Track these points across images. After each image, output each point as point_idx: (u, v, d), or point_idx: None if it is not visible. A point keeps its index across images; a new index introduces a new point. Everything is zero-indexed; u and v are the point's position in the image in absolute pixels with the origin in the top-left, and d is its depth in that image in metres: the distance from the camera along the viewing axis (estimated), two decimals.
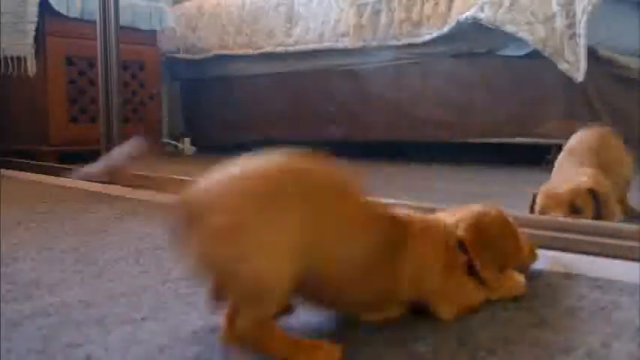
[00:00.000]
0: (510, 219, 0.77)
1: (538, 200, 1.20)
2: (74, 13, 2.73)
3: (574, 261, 0.94)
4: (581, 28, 2.03)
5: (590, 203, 1.16)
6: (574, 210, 1.15)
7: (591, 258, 0.95)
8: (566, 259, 0.96)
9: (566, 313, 0.72)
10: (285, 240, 0.56)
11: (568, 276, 0.88)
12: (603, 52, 2.24)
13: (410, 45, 2.52)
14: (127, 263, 1.01)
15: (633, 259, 0.91)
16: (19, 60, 2.68)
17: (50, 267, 0.99)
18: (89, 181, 2.06)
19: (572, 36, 2.06)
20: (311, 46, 2.85)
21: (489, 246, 0.72)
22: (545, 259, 0.92)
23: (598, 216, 1.15)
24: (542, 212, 1.18)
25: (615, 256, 0.94)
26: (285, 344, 0.57)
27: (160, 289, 0.87)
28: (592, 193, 1.16)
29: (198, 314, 0.75)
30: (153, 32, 3.10)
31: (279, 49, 2.98)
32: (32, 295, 0.84)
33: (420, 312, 0.70)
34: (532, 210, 1.21)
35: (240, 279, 0.55)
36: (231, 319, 0.59)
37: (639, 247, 0.93)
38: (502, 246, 0.74)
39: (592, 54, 2.11)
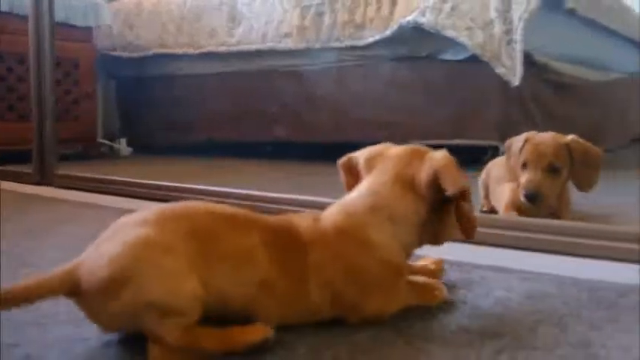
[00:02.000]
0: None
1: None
2: (4, 6, 2.60)
3: (504, 256, 0.98)
4: (517, 34, 2.10)
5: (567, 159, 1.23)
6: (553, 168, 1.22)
7: (521, 253, 1.00)
8: (496, 253, 0.99)
9: (496, 303, 0.74)
10: (176, 266, 0.59)
11: (499, 269, 0.90)
12: (539, 57, 2.32)
13: (352, 47, 2.53)
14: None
15: (561, 253, 0.97)
16: None
17: None
18: (21, 182, 1.96)
19: (510, 42, 2.13)
20: (254, 47, 2.82)
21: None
22: (479, 254, 0.96)
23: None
24: (524, 164, 1.24)
25: (545, 251, 0.99)
26: (217, 335, 0.60)
27: None
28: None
29: None
30: (89, 29, 3.00)
31: (222, 48, 2.94)
32: None
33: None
34: (519, 155, 1.26)
35: (149, 304, 0.57)
36: (158, 345, 0.59)
37: (565, 241, 0.98)
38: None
39: (528, 59, 2.18)
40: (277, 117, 2.83)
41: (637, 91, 3.26)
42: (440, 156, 0.71)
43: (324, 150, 2.84)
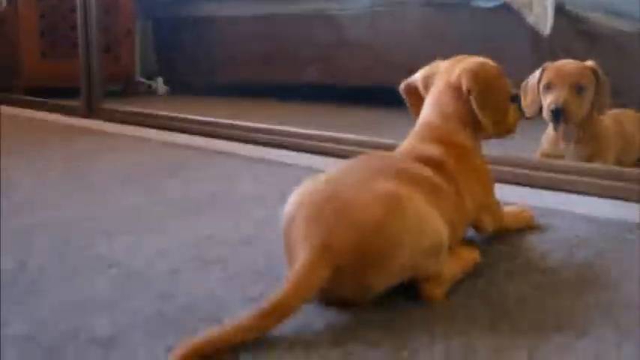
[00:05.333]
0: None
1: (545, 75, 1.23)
2: None
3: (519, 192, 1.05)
4: None
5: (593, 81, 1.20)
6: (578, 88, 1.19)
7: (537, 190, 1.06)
8: (516, 190, 1.06)
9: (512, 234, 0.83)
10: (427, 209, 0.61)
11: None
12: (570, 7, 2.32)
13: None
14: (119, 187, 1.08)
15: (571, 191, 1.03)
16: None
17: (46, 188, 1.06)
18: (70, 115, 2.09)
19: None
20: None
21: (490, 95, 0.77)
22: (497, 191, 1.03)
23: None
24: (547, 86, 1.22)
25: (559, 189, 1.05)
26: (454, 262, 0.64)
27: (152, 208, 0.94)
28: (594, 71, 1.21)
29: (189, 228, 0.83)
30: None
31: None
32: (33, 210, 0.91)
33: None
34: (538, 85, 1.25)
35: (426, 250, 0.58)
36: (434, 282, 0.61)
37: (580, 180, 1.04)
38: (499, 98, 0.79)
39: (559, 9, 2.19)
40: (310, 60, 2.89)
41: None
42: (470, 59, 0.79)
43: (355, 93, 2.91)
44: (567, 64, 1.23)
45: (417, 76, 0.84)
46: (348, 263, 0.55)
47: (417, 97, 0.83)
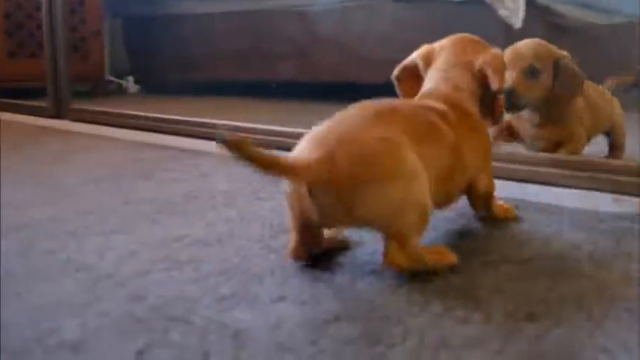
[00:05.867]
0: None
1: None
2: None
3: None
4: None
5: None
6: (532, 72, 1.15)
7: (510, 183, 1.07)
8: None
9: (485, 225, 0.83)
10: (421, 169, 0.63)
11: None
12: (541, 0, 2.34)
13: None
14: (88, 187, 1.06)
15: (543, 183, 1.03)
16: None
17: (14, 190, 1.03)
18: (35, 115, 2.05)
19: None
20: None
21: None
22: None
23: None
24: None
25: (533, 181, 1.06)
26: (430, 251, 0.65)
27: (123, 208, 0.92)
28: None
29: (161, 228, 0.81)
30: None
31: None
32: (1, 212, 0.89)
33: None
34: None
35: (410, 205, 0.60)
36: (398, 247, 0.61)
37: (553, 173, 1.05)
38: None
39: (530, 2, 2.21)
40: (282, 57, 2.88)
41: None
42: (496, 53, 0.81)
43: (328, 89, 2.91)
44: (525, 44, 1.19)
45: (415, 57, 0.85)
46: (344, 176, 0.58)
47: (412, 82, 0.84)
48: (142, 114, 1.83)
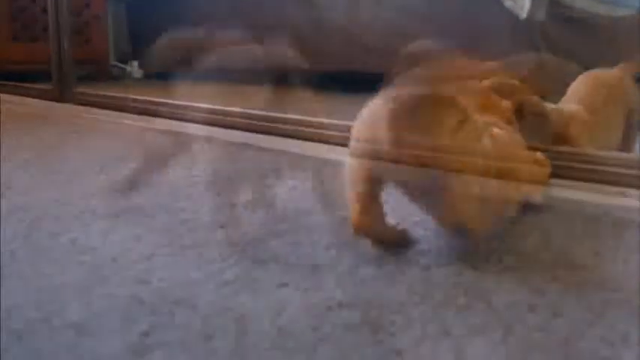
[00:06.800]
0: None
1: None
2: None
3: None
4: None
5: None
6: None
7: None
8: None
9: None
10: None
11: None
12: None
13: None
14: (91, 172, 1.06)
15: None
16: None
17: (17, 173, 1.03)
18: (40, 98, 2.05)
19: None
20: None
21: None
22: None
23: None
24: None
25: None
26: None
27: (128, 192, 0.93)
28: None
29: (165, 212, 0.82)
30: None
31: None
32: (4, 195, 0.89)
33: None
34: None
35: None
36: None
37: None
38: None
39: None
40: (288, 44, 2.86)
41: None
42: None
43: (333, 79, 2.90)
44: None
45: None
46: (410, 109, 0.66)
47: None
48: (146, 98, 1.83)
